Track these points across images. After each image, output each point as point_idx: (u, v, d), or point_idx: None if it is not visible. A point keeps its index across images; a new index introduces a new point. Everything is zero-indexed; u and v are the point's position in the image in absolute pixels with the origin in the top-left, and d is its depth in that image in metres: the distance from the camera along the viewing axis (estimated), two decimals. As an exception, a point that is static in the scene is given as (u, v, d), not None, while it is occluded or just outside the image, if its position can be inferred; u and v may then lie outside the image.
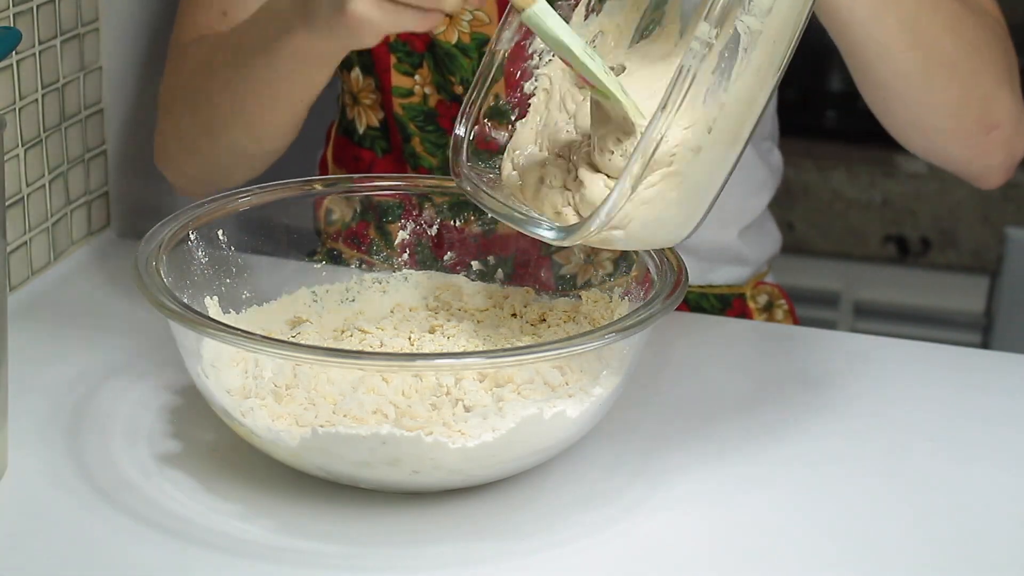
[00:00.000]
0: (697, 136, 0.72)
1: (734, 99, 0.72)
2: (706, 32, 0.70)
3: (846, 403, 0.90)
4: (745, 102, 0.72)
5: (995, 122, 0.98)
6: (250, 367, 0.81)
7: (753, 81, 0.72)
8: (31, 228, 1.02)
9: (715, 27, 0.69)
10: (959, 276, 1.89)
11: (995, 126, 0.98)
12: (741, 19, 0.70)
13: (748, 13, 0.70)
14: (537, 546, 0.75)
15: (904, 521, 0.78)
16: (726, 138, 0.73)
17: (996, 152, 1.00)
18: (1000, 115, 0.98)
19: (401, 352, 0.86)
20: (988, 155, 1.00)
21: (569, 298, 0.90)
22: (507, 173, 0.84)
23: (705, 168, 0.73)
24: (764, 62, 0.72)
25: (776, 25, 0.71)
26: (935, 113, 0.97)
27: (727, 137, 0.73)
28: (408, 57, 1.06)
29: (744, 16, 0.70)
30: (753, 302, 1.16)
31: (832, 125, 1.99)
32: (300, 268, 0.93)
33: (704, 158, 0.73)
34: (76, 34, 1.05)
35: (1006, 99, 0.98)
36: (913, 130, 0.99)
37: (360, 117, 1.12)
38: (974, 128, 0.98)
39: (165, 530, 0.74)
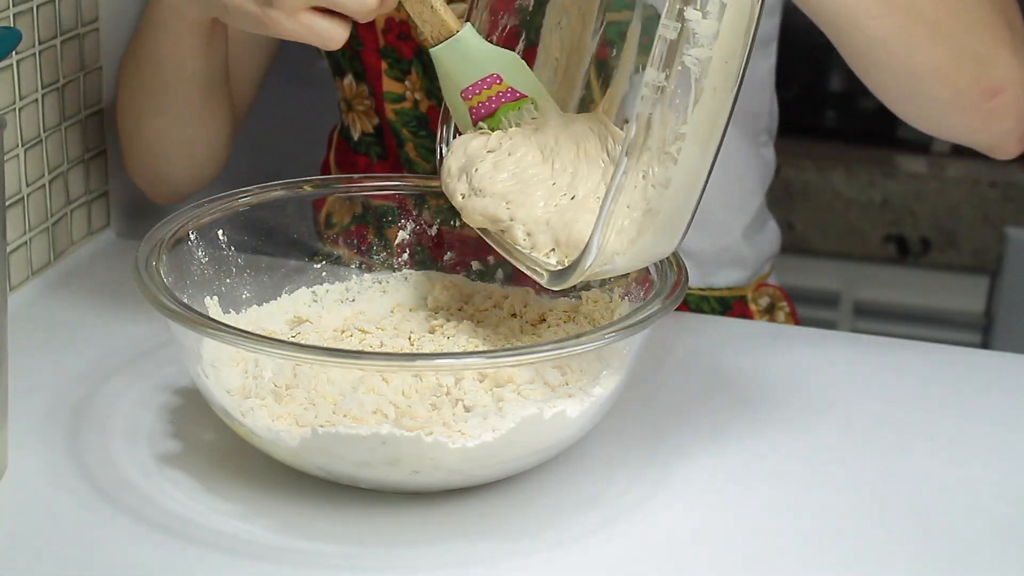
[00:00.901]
0: (662, 174, 0.72)
1: (694, 128, 0.71)
2: (654, 77, 0.70)
3: (846, 403, 0.90)
4: (708, 123, 0.72)
5: (996, 86, 0.91)
6: (250, 367, 0.81)
7: (711, 103, 0.72)
8: (31, 228, 1.02)
9: (662, 71, 0.69)
10: (959, 276, 1.89)
11: (997, 91, 0.92)
12: (688, 53, 0.70)
13: (694, 46, 0.70)
14: (537, 546, 0.75)
15: (904, 521, 0.78)
16: (694, 160, 0.73)
17: (1003, 118, 0.93)
18: (1002, 78, 0.91)
19: (401, 352, 0.86)
20: (995, 122, 0.94)
21: (569, 298, 0.90)
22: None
23: (679, 193, 0.74)
24: (719, 82, 0.71)
25: (725, 45, 0.71)
26: (924, 81, 0.91)
27: (695, 159, 0.73)
28: (398, 63, 1.06)
29: (691, 50, 0.70)
30: (754, 304, 1.16)
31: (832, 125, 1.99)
32: (300, 268, 0.93)
33: (675, 186, 0.73)
34: (76, 34, 1.05)
35: (1007, 61, 0.92)
36: (908, 103, 0.94)
37: (355, 124, 1.12)
38: (972, 94, 0.91)
39: (165, 530, 0.74)
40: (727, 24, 0.70)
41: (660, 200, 0.73)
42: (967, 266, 1.88)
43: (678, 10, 0.69)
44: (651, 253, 0.77)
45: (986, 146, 0.97)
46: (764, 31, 1.09)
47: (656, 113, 0.70)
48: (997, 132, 0.95)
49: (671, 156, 0.71)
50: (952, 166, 1.87)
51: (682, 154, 0.71)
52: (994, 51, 0.91)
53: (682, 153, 0.71)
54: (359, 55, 1.07)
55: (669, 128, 0.71)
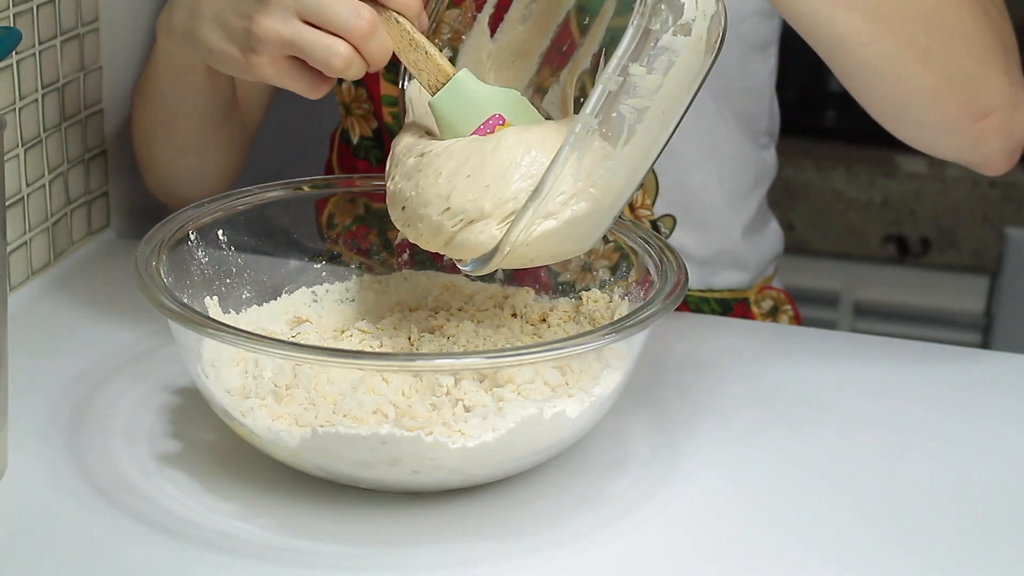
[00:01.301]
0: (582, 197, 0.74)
1: (620, 163, 0.73)
2: (588, 121, 0.71)
3: (846, 403, 0.90)
4: (634, 161, 0.74)
5: (986, 108, 0.92)
6: (250, 367, 0.81)
7: (643, 142, 0.73)
8: (31, 228, 1.02)
9: (595, 115, 0.71)
10: (959, 276, 1.89)
11: (986, 112, 0.92)
12: (625, 103, 0.71)
13: (634, 96, 0.71)
14: (537, 546, 0.75)
15: (904, 521, 0.78)
16: (614, 191, 0.75)
17: (991, 139, 0.94)
18: (992, 100, 0.92)
19: (401, 352, 0.86)
20: (983, 143, 0.94)
21: (570, 298, 0.90)
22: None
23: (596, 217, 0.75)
24: (654, 128, 0.73)
25: (666, 98, 0.72)
26: (914, 103, 0.91)
27: (616, 190, 0.75)
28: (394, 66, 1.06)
29: (629, 100, 0.71)
30: (757, 307, 1.15)
31: (832, 125, 1.99)
32: (300, 268, 0.93)
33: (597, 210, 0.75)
34: (76, 34, 1.05)
35: (998, 81, 0.92)
36: (898, 123, 0.94)
37: (353, 128, 1.12)
38: (962, 116, 0.92)
39: (165, 530, 0.74)
40: (671, 79, 0.71)
41: (575, 221, 0.74)
42: (967, 266, 1.88)
43: (623, 66, 0.70)
44: (556, 253, 0.78)
45: (974, 164, 0.98)
46: (764, 33, 1.09)
47: (583, 151, 0.72)
48: (985, 152, 0.95)
49: (593, 182, 0.73)
50: (952, 166, 1.87)
51: (606, 182, 0.74)
52: (985, 72, 0.91)
53: (606, 182, 0.74)
54: None
55: (596, 161, 0.73)
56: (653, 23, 0.70)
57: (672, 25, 0.70)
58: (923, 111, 0.91)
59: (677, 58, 0.71)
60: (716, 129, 1.08)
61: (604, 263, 0.89)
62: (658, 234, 0.89)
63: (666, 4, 0.70)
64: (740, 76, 1.08)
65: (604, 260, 0.89)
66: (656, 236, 0.86)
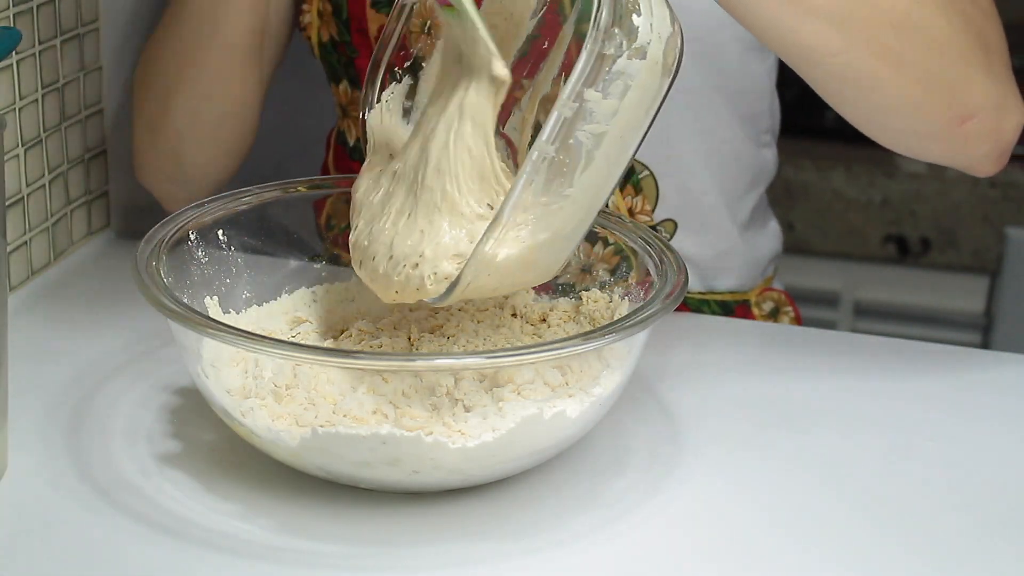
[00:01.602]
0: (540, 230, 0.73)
1: (580, 191, 0.72)
2: (545, 149, 0.70)
3: (846, 403, 0.90)
4: (594, 187, 0.73)
5: (969, 111, 0.89)
6: (250, 367, 0.81)
7: (601, 169, 0.72)
8: (31, 228, 1.02)
9: (552, 143, 0.70)
10: (959, 276, 1.89)
11: (969, 116, 0.89)
12: (582, 129, 0.70)
13: (590, 122, 0.70)
14: (537, 546, 0.75)
15: (904, 521, 0.78)
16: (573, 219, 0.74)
17: (978, 142, 0.91)
18: (974, 103, 0.88)
19: (401, 352, 0.86)
20: (970, 146, 0.91)
21: (570, 298, 0.90)
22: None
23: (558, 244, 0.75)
24: (612, 153, 0.72)
25: (624, 122, 0.71)
26: (893, 112, 0.89)
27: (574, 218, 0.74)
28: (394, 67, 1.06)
29: (586, 126, 0.70)
30: (758, 308, 1.15)
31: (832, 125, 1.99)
32: (300, 268, 0.93)
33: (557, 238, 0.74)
34: (76, 34, 1.05)
35: (980, 84, 0.88)
36: (879, 131, 0.92)
37: (350, 130, 1.12)
38: (944, 121, 0.89)
39: (165, 530, 0.74)
40: (628, 103, 0.70)
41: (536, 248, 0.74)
42: (967, 266, 1.88)
43: (578, 92, 0.69)
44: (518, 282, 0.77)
45: (964, 166, 0.95)
46: None
47: (540, 180, 0.71)
48: (973, 155, 0.93)
49: (552, 211, 0.72)
50: (952, 166, 1.87)
51: (563, 211, 0.73)
52: (966, 75, 0.88)
53: (563, 211, 0.73)
54: (353, 62, 1.07)
55: (553, 191, 0.72)
56: (607, 47, 0.69)
57: (627, 49, 0.69)
58: (903, 119, 0.89)
59: (633, 82, 0.70)
60: (716, 131, 1.08)
61: (604, 264, 0.89)
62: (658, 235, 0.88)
63: (619, 28, 0.69)
64: (739, 77, 1.08)
65: (604, 261, 0.89)
66: (656, 236, 0.86)
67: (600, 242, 0.89)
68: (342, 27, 1.06)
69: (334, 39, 1.07)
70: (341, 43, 1.07)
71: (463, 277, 0.74)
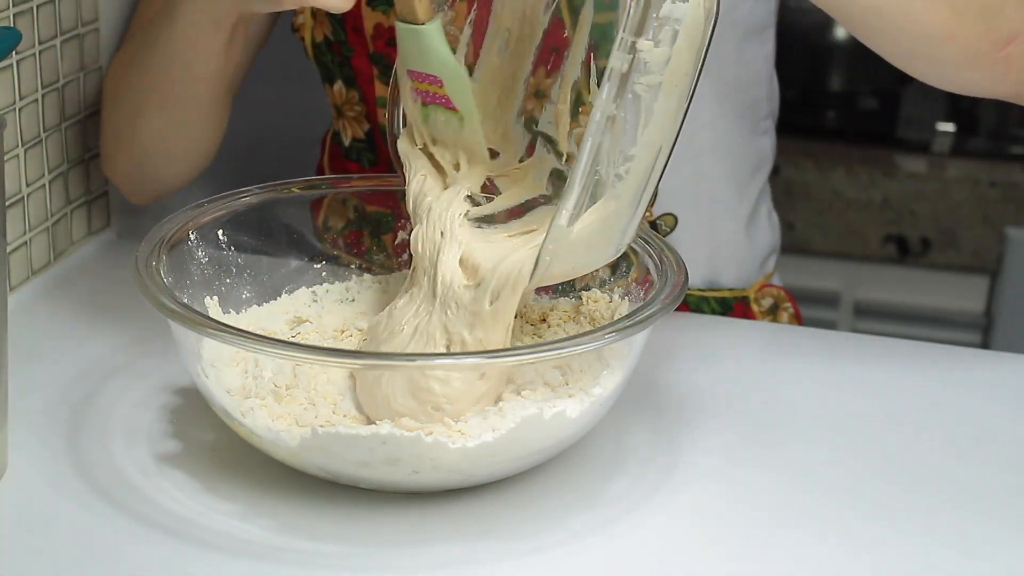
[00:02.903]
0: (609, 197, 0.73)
1: (644, 148, 0.72)
2: (603, 104, 0.70)
3: (846, 403, 0.90)
4: (656, 141, 0.73)
5: (1008, 34, 0.88)
6: (250, 367, 0.81)
7: (661, 122, 0.72)
8: (31, 228, 1.02)
9: (612, 100, 0.70)
10: (959, 276, 1.89)
11: (1010, 39, 0.88)
12: (639, 81, 0.70)
13: (645, 73, 0.70)
14: (537, 546, 0.75)
15: (904, 521, 0.78)
16: (640, 176, 0.73)
17: (1020, 66, 0.89)
18: (1011, 25, 0.87)
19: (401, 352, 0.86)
20: (1011, 71, 0.90)
21: (570, 298, 0.90)
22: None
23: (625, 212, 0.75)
24: (672, 104, 0.72)
25: (676, 69, 0.71)
26: (927, 41, 0.88)
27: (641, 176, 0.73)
28: (389, 69, 1.06)
29: (641, 78, 0.70)
30: (757, 305, 1.15)
31: (832, 125, 1.99)
32: (300, 268, 0.93)
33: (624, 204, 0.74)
34: (76, 34, 1.05)
35: (1016, 5, 0.87)
36: (916, 62, 0.91)
37: (345, 130, 1.12)
38: (982, 46, 0.88)
39: (165, 530, 0.74)
40: (678, 49, 0.70)
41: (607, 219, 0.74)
42: (967, 266, 1.88)
43: (631, 43, 0.69)
44: (593, 259, 0.78)
45: (1011, 95, 0.93)
46: (759, 17, 1.08)
47: (605, 142, 0.71)
48: (1017, 80, 0.91)
49: (619, 176, 0.72)
50: (952, 166, 1.87)
51: (630, 173, 0.73)
52: (999, 0, 0.88)
53: (630, 173, 0.73)
54: (349, 61, 1.07)
55: (619, 152, 0.72)
56: None
57: None
58: (938, 47, 0.88)
59: (680, 27, 0.70)
60: (715, 122, 1.08)
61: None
62: (658, 234, 0.88)
63: None
64: (737, 63, 1.08)
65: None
66: (656, 236, 0.86)
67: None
68: (337, 26, 1.06)
69: (328, 39, 1.07)
70: (336, 42, 1.07)
71: (541, 258, 0.74)
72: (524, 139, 0.83)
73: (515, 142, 0.83)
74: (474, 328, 0.78)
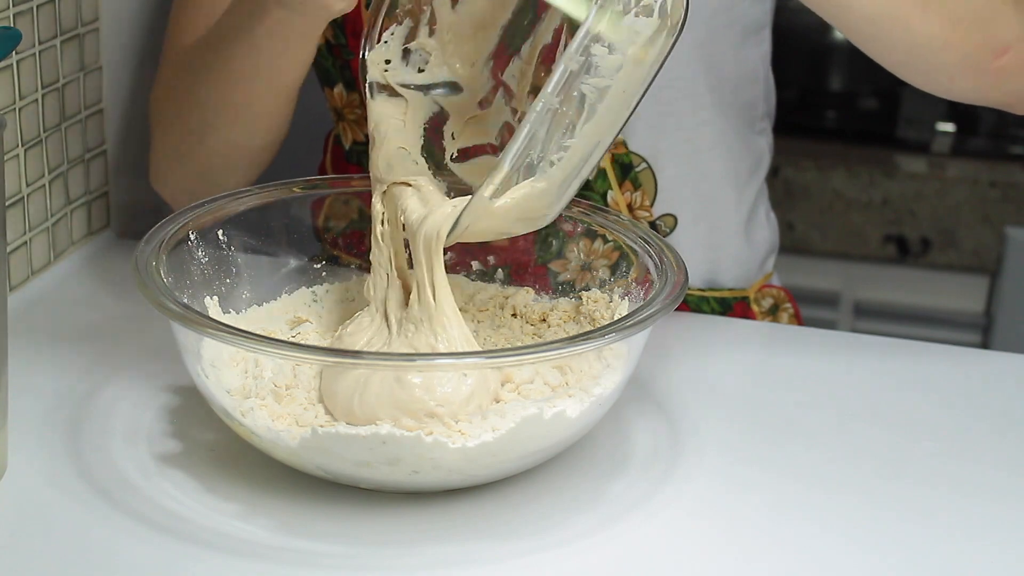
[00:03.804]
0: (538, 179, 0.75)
1: (580, 142, 0.73)
2: (546, 96, 0.71)
3: (846, 403, 0.90)
4: (595, 137, 0.74)
5: (1003, 45, 0.89)
6: (250, 367, 0.81)
7: (605, 119, 0.73)
8: (31, 228, 1.02)
9: (557, 95, 0.71)
10: (959, 276, 1.89)
11: (1004, 50, 0.89)
12: (586, 82, 0.72)
13: (595, 76, 0.71)
14: (537, 546, 0.75)
15: (904, 521, 0.78)
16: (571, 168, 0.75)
17: (1013, 76, 0.91)
18: (1007, 36, 0.89)
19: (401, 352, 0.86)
20: (1004, 81, 0.91)
21: (569, 298, 0.90)
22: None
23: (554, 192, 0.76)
24: (617, 105, 0.73)
25: (630, 76, 0.72)
26: (924, 50, 0.89)
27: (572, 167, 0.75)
28: None
29: (589, 79, 0.71)
30: (757, 305, 1.15)
31: (832, 125, 1.99)
32: (300, 268, 0.93)
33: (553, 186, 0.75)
34: (76, 34, 1.05)
35: (1011, 16, 0.89)
36: (911, 70, 0.92)
37: (346, 133, 1.11)
38: (977, 56, 0.89)
39: (165, 530, 0.74)
40: (632, 58, 0.71)
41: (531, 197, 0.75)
42: (967, 266, 1.88)
43: (585, 46, 0.70)
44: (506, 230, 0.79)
45: (1005, 104, 0.95)
46: (756, 17, 1.08)
47: (542, 131, 0.72)
48: (1010, 90, 0.92)
49: (551, 162, 0.74)
50: (952, 166, 1.87)
51: (562, 162, 0.74)
52: (995, 10, 0.89)
53: (563, 160, 0.74)
54: (349, 64, 1.07)
55: (554, 142, 0.73)
56: (615, 4, 0.70)
57: (635, 6, 0.71)
58: (934, 55, 0.89)
59: (639, 38, 0.71)
60: (712, 121, 1.08)
61: (604, 263, 0.89)
62: (657, 234, 0.88)
63: None
64: (734, 62, 1.08)
65: (604, 260, 0.89)
66: (656, 236, 0.86)
67: (599, 241, 0.89)
68: (337, 30, 1.06)
69: (329, 42, 1.07)
70: (336, 46, 1.07)
71: (460, 222, 0.76)
72: (488, 85, 0.84)
73: (479, 85, 0.84)
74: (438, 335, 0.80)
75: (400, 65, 0.84)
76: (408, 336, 0.81)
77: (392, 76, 0.84)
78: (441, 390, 0.76)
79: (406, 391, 0.76)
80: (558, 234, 0.91)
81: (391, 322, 0.83)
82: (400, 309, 0.83)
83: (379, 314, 0.84)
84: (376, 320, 0.83)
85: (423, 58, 0.84)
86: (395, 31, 0.84)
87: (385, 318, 0.83)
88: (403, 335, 0.81)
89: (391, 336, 0.82)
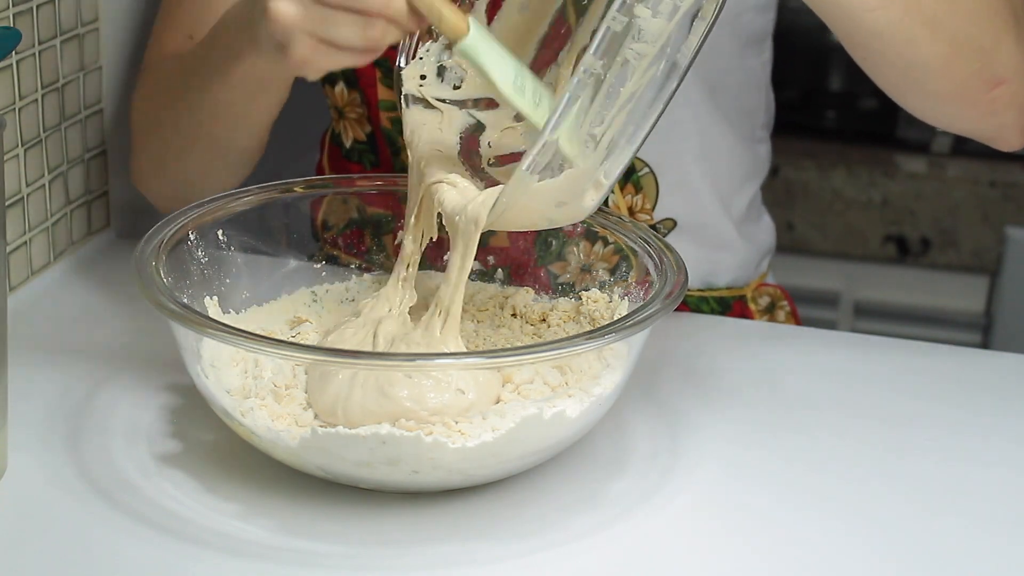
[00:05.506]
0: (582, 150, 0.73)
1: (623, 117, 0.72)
2: (592, 63, 0.70)
3: (846, 403, 0.90)
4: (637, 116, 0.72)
5: (998, 77, 0.90)
6: (250, 367, 0.81)
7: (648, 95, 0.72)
8: (31, 228, 1.02)
9: (600, 59, 0.70)
10: (959, 276, 1.89)
11: (999, 82, 0.90)
12: (630, 47, 0.70)
13: (638, 41, 0.70)
14: (537, 546, 0.75)
15: (904, 520, 0.78)
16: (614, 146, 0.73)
17: (1005, 110, 0.92)
18: (1004, 69, 0.90)
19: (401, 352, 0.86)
20: (995, 114, 0.92)
21: (569, 298, 0.90)
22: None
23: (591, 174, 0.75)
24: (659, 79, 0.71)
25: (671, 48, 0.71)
26: (924, 72, 0.89)
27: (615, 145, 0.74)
28: (391, 72, 1.06)
29: (633, 44, 0.70)
30: (754, 304, 1.15)
31: (832, 125, 1.99)
32: (300, 268, 0.93)
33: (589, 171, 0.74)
34: (76, 34, 1.05)
35: (1009, 50, 0.90)
36: (907, 92, 0.93)
37: (346, 131, 1.11)
38: (973, 85, 0.90)
39: (165, 530, 0.74)
40: (676, 26, 0.70)
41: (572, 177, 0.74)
42: (967, 266, 1.88)
43: (628, 5, 0.69)
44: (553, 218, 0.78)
45: (987, 137, 0.96)
46: (759, 27, 1.09)
47: (585, 97, 0.70)
48: (998, 124, 0.93)
49: (594, 138, 0.72)
50: (952, 166, 1.87)
51: (604, 137, 0.72)
52: (996, 41, 0.90)
53: (604, 136, 0.72)
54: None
55: (596, 113, 0.71)
56: None
57: None
58: (932, 79, 0.90)
59: (683, 4, 0.70)
60: (713, 127, 1.08)
61: (604, 263, 0.89)
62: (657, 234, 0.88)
63: None
64: (735, 70, 1.08)
65: (604, 260, 0.89)
66: (656, 236, 0.86)
67: (600, 242, 0.89)
68: None
69: None
70: None
71: (501, 200, 0.74)
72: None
73: None
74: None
75: (435, 81, 0.83)
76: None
77: (428, 91, 0.83)
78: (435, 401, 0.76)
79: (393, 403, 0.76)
80: (558, 235, 0.91)
81: (378, 342, 0.82)
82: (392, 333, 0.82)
83: (366, 330, 0.83)
84: (359, 335, 0.83)
85: (458, 75, 0.83)
86: (430, 47, 0.83)
87: (374, 336, 0.83)
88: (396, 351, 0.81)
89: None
